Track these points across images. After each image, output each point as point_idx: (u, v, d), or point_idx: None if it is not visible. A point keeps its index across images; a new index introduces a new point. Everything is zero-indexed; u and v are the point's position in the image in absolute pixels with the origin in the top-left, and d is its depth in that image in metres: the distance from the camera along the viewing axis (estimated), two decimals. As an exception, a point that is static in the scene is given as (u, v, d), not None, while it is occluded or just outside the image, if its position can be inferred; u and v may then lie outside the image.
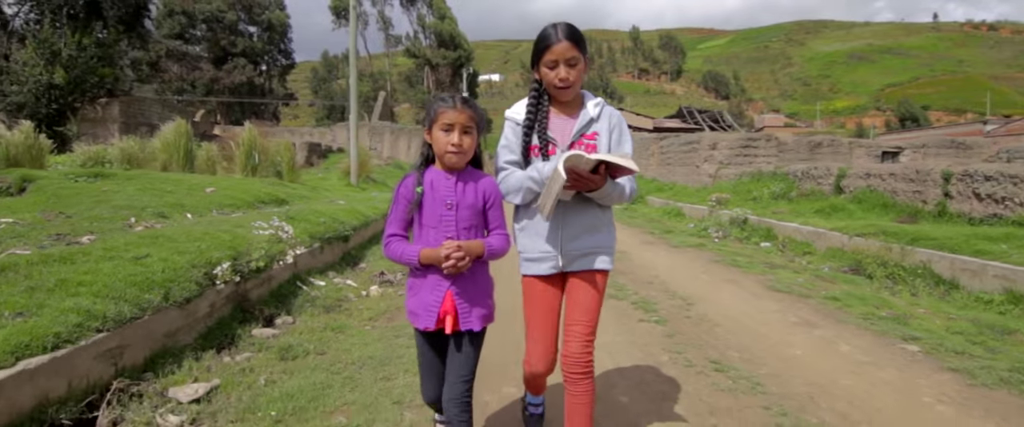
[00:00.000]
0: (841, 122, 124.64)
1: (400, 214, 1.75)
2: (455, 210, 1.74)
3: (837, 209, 8.47)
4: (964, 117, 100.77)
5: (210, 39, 56.31)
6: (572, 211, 1.82)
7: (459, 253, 1.63)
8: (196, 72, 53.17)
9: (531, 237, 1.86)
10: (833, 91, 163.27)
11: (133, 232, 4.13)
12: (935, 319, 3.96)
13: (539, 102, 1.86)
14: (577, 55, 1.75)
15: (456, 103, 1.71)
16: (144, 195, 5.72)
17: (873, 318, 3.90)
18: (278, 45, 63.89)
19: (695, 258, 6.76)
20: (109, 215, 4.79)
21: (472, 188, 1.77)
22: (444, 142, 1.69)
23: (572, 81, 1.77)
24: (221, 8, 55.21)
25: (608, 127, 1.86)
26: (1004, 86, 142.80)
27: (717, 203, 10.77)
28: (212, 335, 3.20)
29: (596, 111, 1.87)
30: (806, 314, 4.04)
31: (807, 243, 7.48)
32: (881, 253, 5.96)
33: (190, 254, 3.37)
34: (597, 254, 1.85)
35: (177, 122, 9.26)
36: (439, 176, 1.76)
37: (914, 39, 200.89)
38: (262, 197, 6.81)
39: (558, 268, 1.84)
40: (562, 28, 1.76)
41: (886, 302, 4.43)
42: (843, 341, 3.42)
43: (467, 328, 1.73)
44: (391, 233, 1.75)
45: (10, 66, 17.59)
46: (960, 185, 7.08)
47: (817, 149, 15.29)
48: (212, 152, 11.14)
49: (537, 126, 1.84)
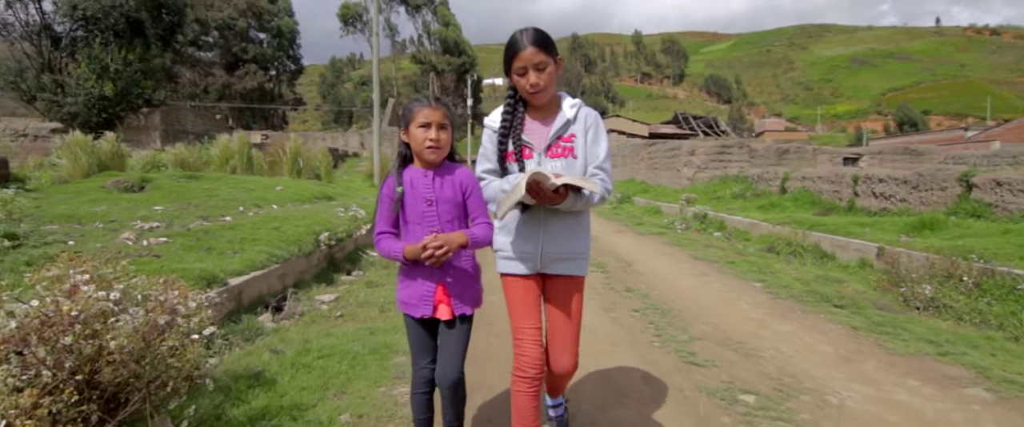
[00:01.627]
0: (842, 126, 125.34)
1: (385, 213, 1.86)
2: (435, 206, 1.83)
3: (775, 205, 10.39)
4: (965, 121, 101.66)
5: (222, 46, 58.20)
6: (554, 215, 1.87)
7: (437, 243, 1.70)
8: (209, 78, 55.07)
9: (509, 236, 1.91)
10: (835, 95, 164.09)
11: (252, 216, 6.09)
12: (793, 274, 5.88)
13: (515, 108, 1.89)
14: (545, 59, 1.78)
15: (430, 102, 1.82)
16: (236, 191, 7.70)
17: (748, 273, 5.83)
18: (287, 51, 65.34)
19: (653, 242, 8.69)
20: (222, 205, 6.76)
21: (450, 182, 1.86)
22: (422, 138, 1.79)
23: (543, 86, 1.80)
24: (232, 16, 57.26)
25: (584, 127, 1.88)
26: (1005, 90, 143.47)
27: (686, 202, 12.67)
28: (319, 276, 5.15)
29: (573, 113, 1.89)
30: (705, 270, 5.98)
31: (746, 232, 9.38)
32: (790, 236, 7.87)
33: (303, 227, 5.34)
34: (574, 259, 1.91)
35: (240, 134, 11.25)
36: (417, 174, 1.85)
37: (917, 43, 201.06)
38: (316, 194, 8.77)
39: (536, 269, 1.90)
40: (529, 33, 1.79)
41: (769, 266, 6.34)
42: (718, 282, 5.35)
43: (460, 313, 1.85)
44: (380, 230, 1.87)
45: (65, 80, 19.70)
46: (863, 186, 8.99)
47: (785, 155, 17.17)
48: (259, 157, 13.15)
49: (512, 132, 1.87)
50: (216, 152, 12.34)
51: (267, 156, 12.85)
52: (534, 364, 1.82)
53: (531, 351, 1.83)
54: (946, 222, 6.53)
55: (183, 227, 5.19)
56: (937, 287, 4.73)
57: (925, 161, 16.77)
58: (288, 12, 63.27)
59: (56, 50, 20.80)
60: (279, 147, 12.09)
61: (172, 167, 11.68)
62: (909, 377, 2.92)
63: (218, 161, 12.03)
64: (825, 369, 3.04)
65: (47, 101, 19.59)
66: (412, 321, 1.88)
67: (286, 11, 63.47)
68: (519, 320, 1.88)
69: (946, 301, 4.51)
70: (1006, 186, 6.57)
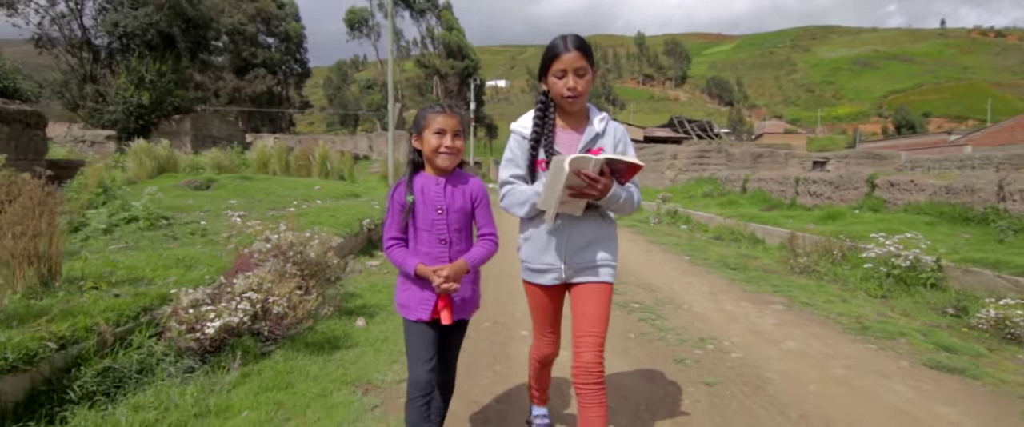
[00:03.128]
0: (842, 128, 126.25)
1: (396, 219, 1.90)
2: (445, 214, 1.87)
3: (733, 202, 12.20)
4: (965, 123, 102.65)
5: (232, 50, 60.04)
6: (577, 224, 1.88)
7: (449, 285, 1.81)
8: (219, 82, 56.94)
9: (536, 248, 1.92)
10: (836, 97, 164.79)
11: (306, 208, 7.94)
12: (720, 253, 7.68)
13: (545, 115, 1.90)
14: (585, 65, 1.82)
15: (446, 110, 1.88)
16: (285, 189, 9.56)
17: (684, 252, 7.63)
18: (294, 55, 66.70)
19: (623, 232, 10.50)
20: (280, 199, 8.61)
21: (460, 192, 1.91)
22: (437, 144, 1.84)
23: (580, 91, 1.83)
24: (242, 21, 59.16)
25: (613, 141, 1.93)
26: (1007, 93, 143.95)
27: (662, 200, 14.49)
28: (363, 250, 6.99)
29: (602, 126, 1.93)
30: (653, 250, 7.80)
31: (705, 224, 11.19)
32: (734, 227, 9.69)
33: (350, 215, 7.19)
34: (601, 267, 1.91)
35: (279, 141, 13.13)
36: (429, 181, 1.89)
37: (920, 45, 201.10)
38: (346, 192, 10.64)
39: (561, 280, 1.91)
40: (571, 39, 1.82)
41: (707, 248, 8.15)
42: (658, 257, 7.17)
43: (459, 318, 1.93)
44: (391, 236, 1.92)
45: (105, 89, 21.71)
46: (801, 186, 10.79)
47: (759, 159, 18.96)
48: (290, 160, 15.04)
49: (544, 140, 1.88)
50: (254, 156, 14.24)
51: (297, 159, 14.75)
52: (546, 355, 2.08)
53: (547, 348, 2.06)
54: (846, 214, 8.34)
55: (263, 214, 7.04)
56: (814, 258, 6.55)
57: (886, 164, 18.53)
58: (295, 17, 64.96)
59: (95, 62, 22.80)
60: (308, 151, 13.97)
61: (210, 170, 13.55)
62: (743, 301, 4.75)
63: (256, 164, 13.92)
64: (695, 297, 4.87)
65: (90, 109, 21.58)
66: (410, 323, 1.90)
67: (293, 16, 65.15)
68: (540, 329, 2.03)
69: (817, 268, 6.32)
70: (896, 186, 8.37)
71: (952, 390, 2.81)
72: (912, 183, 7.90)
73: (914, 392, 2.78)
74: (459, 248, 1.91)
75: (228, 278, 3.09)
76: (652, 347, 3.49)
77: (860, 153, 19.20)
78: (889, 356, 3.33)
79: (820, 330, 3.89)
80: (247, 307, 2.77)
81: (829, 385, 2.87)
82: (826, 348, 3.49)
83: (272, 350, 2.96)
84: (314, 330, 3.27)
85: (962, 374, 2.98)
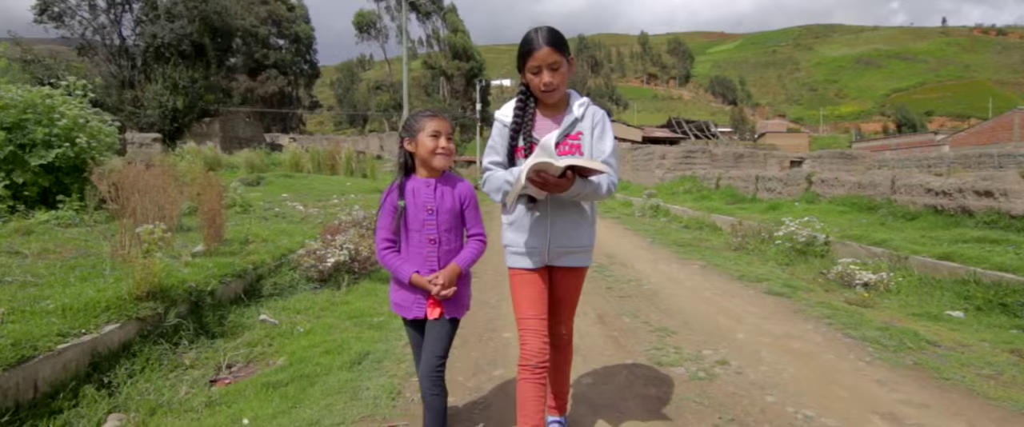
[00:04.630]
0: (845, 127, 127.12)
1: (388, 221, 2.00)
2: (436, 215, 1.98)
3: (706, 198, 14.01)
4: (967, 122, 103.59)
5: (245, 52, 62.01)
6: (559, 209, 1.99)
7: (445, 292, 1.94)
8: (232, 83, 58.96)
9: (518, 232, 2.02)
10: (839, 96, 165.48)
11: (344, 199, 9.82)
12: (678, 236, 9.50)
13: (526, 105, 1.98)
14: (559, 59, 1.86)
15: (437, 114, 2.01)
16: (323, 185, 11.45)
17: (648, 235, 9.47)
18: (304, 56, 68.47)
19: (608, 222, 12.33)
20: (322, 193, 10.50)
21: (450, 193, 2.02)
22: (433, 146, 1.95)
23: (556, 85, 1.89)
24: (254, 23, 61.08)
25: (591, 125, 1.99)
26: (1009, 91, 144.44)
27: (647, 197, 16.32)
28: (393, 233, 8.87)
29: (581, 111, 1.99)
30: (627, 234, 9.64)
31: (680, 217, 13.01)
32: (700, 218, 11.51)
33: (383, 205, 9.09)
34: (580, 252, 2.05)
35: (294, 142, 15.04)
36: (420, 184, 2.00)
37: (923, 44, 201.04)
38: (373, 188, 12.53)
39: (544, 262, 2.03)
40: (543, 33, 1.86)
41: (673, 232, 9.97)
42: (627, 238, 9.01)
43: (451, 316, 2.02)
44: (382, 238, 2.02)
45: (142, 95, 23.73)
46: (761, 184, 12.60)
47: (740, 159, 20.71)
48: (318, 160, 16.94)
49: (523, 129, 1.96)
50: (286, 156, 16.18)
51: (324, 160, 16.68)
52: (537, 355, 1.93)
53: (534, 343, 1.94)
54: (787, 205, 10.15)
55: (315, 203, 8.93)
56: (747, 239, 8.38)
57: (856, 164, 20.24)
58: (305, 19, 66.74)
59: (132, 70, 24.83)
60: (334, 152, 15.89)
61: (243, 168, 15.45)
62: (674, 264, 6.59)
63: (289, 164, 15.85)
64: (639, 262, 6.71)
65: (128, 112, 23.58)
66: (407, 323, 2.05)
67: (303, 18, 66.95)
68: (524, 311, 1.99)
69: (748, 246, 8.16)
70: (826, 182, 10.17)
71: (767, 303, 4.65)
72: (836, 180, 9.71)
73: (746, 304, 4.62)
74: (448, 247, 2.03)
75: (326, 238, 4.96)
76: (594, 283, 5.35)
77: (833, 154, 20.89)
78: (748, 290, 5.17)
79: (716, 278, 5.74)
80: (347, 252, 4.65)
81: (697, 302, 4.72)
82: (708, 284, 5.34)
83: (358, 280, 4.84)
84: (380, 270, 5.15)
85: (781, 296, 4.82)
